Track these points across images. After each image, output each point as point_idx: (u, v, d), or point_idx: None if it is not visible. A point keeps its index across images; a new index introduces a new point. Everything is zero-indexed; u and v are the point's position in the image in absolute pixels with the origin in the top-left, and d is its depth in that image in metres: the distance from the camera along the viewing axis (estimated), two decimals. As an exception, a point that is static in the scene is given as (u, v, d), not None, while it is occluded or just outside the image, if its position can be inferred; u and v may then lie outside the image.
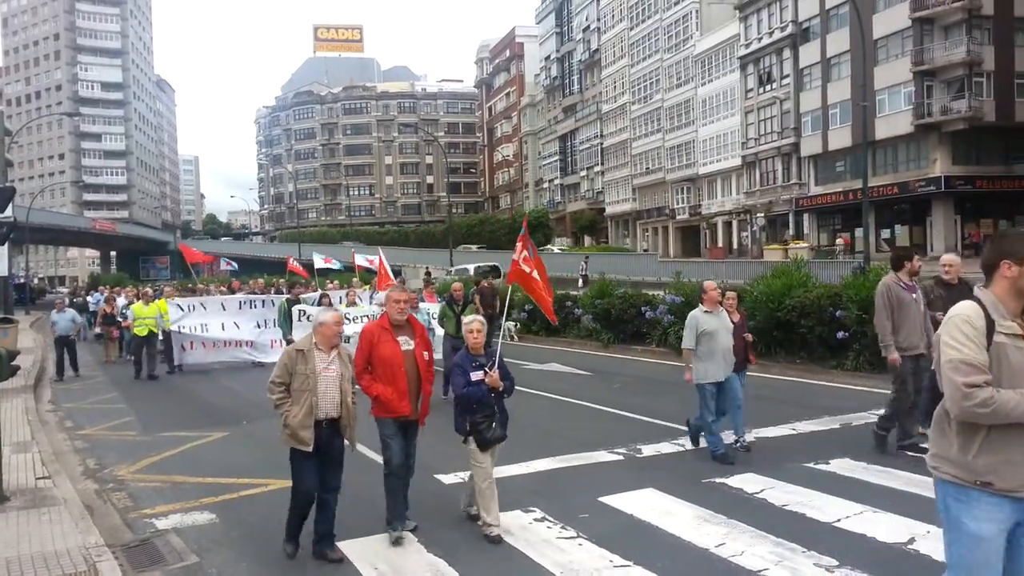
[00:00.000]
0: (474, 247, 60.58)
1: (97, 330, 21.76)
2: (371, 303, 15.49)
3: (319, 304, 14.36)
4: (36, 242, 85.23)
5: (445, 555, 5.28)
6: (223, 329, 16.68)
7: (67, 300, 21.85)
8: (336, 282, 23.42)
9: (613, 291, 17.85)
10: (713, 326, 7.51)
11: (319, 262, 23.78)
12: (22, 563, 5.32)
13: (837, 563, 4.82)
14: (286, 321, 14.16)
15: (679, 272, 18.39)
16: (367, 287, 18.64)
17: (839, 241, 42.49)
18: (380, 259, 15.76)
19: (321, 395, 5.23)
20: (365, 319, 13.24)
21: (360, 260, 23.80)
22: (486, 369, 5.62)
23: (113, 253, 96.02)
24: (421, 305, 13.50)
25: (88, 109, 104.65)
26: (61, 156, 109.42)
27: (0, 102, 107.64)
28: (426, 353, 5.83)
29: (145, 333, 15.74)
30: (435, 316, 12.34)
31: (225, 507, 6.69)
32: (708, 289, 7.82)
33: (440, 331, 11.79)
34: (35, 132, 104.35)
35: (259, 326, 16.91)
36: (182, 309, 16.46)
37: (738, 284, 15.34)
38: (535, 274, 6.81)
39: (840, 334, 11.55)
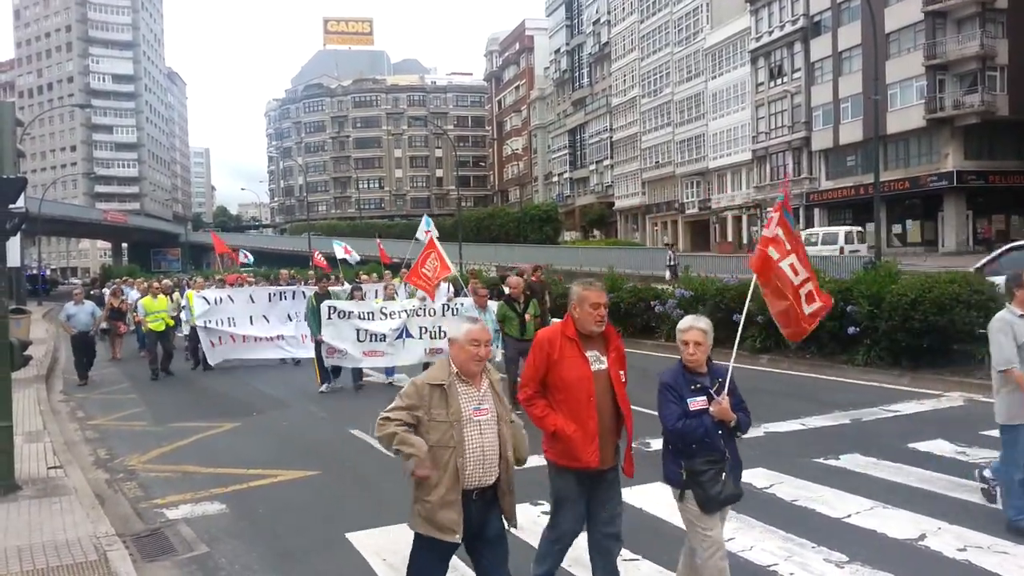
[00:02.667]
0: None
1: (104, 325, 19.80)
2: (406, 297, 14.03)
3: (350, 297, 12.87)
4: (48, 233, 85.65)
5: (453, 547, 5.27)
6: (252, 323, 15.44)
7: (85, 291, 19.05)
8: (374, 274, 21.27)
9: (622, 285, 17.80)
10: None
11: (340, 252, 23.00)
12: (33, 551, 5.36)
13: (847, 559, 4.81)
14: (314, 318, 12.35)
15: (688, 266, 18.32)
16: (399, 279, 16.97)
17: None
18: (432, 241, 12.86)
19: (472, 453, 3.49)
20: (403, 314, 12.24)
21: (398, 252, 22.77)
22: (711, 393, 3.98)
23: (125, 245, 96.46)
24: (466, 302, 12.06)
25: (99, 101, 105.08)
26: (73, 148, 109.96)
27: (12, 94, 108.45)
28: (622, 373, 4.18)
29: (162, 328, 14.71)
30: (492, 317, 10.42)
31: (235, 497, 6.72)
32: None
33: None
34: (47, 124, 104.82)
35: (290, 318, 15.64)
36: (208, 303, 15.12)
37: (747, 279, 15.31)
38: (787, 263, 4.54)
39: (851, 329, 11.49)
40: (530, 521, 5.74)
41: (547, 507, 6.00)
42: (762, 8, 49.87)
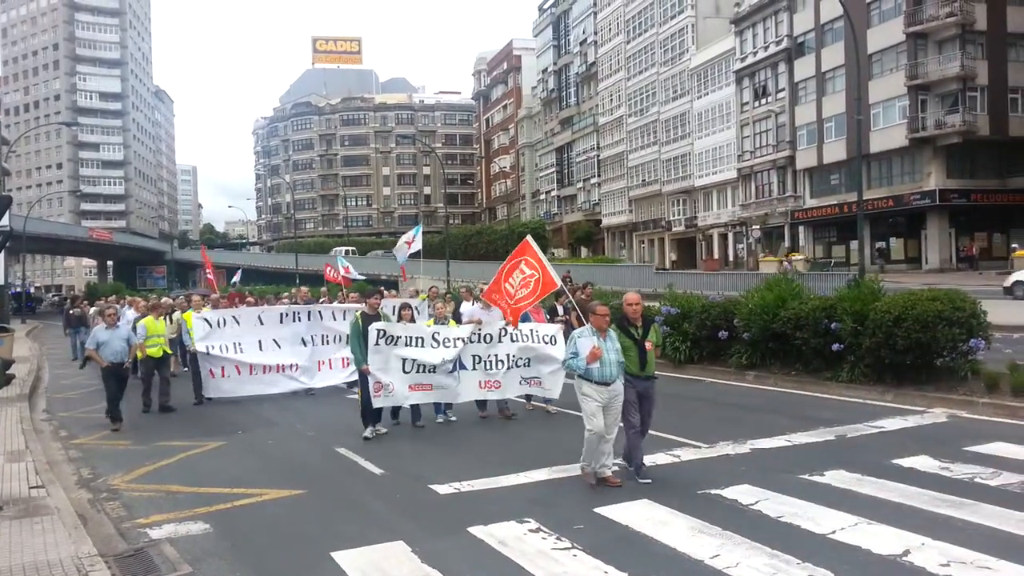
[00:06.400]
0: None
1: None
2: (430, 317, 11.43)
3: (399, 318, 10.60)
4: (33, 251, 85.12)
5: (439, 565, 5.26)
6: (261, 349, 13.44)
7: (119, 309, 14.55)
8: (393, 291, 19.57)
9: (608, 302, 17.83)
10: None
11: (341, 272, 22.18)
12: (14, 573, 5.30)
13: (831, 575, 4.82)
14: (360, 343, 9.82)
15: (671, 284, 18.47)
16: (423, 296, 15.73)
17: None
18: (527, 243, 9.37)
19: None
20: (459, 342, 10.18)
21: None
22: None
23: (110, 263, 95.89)
24: (553, 330, 10.61)
25: (86, 119, 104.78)
26: (59, 166, 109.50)
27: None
28: None
29: (160, 354, 12.86)
30: (581, 339, 7.19)
31: (219, 517, 6.66)
32: None
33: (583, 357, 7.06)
34: (33, 141, 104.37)
35: (305, 343, 13.72)
36: (210, 324, 13.17)
37: (733, 296, 15.39)
38: None
39: (835, 346, 11.57)
40: (515, 538, 5.74)
41: (534, 524, 6.02)
42: (746, 29, 50.57)
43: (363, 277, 24.16)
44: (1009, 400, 9.64)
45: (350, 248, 78.95)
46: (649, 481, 7.12)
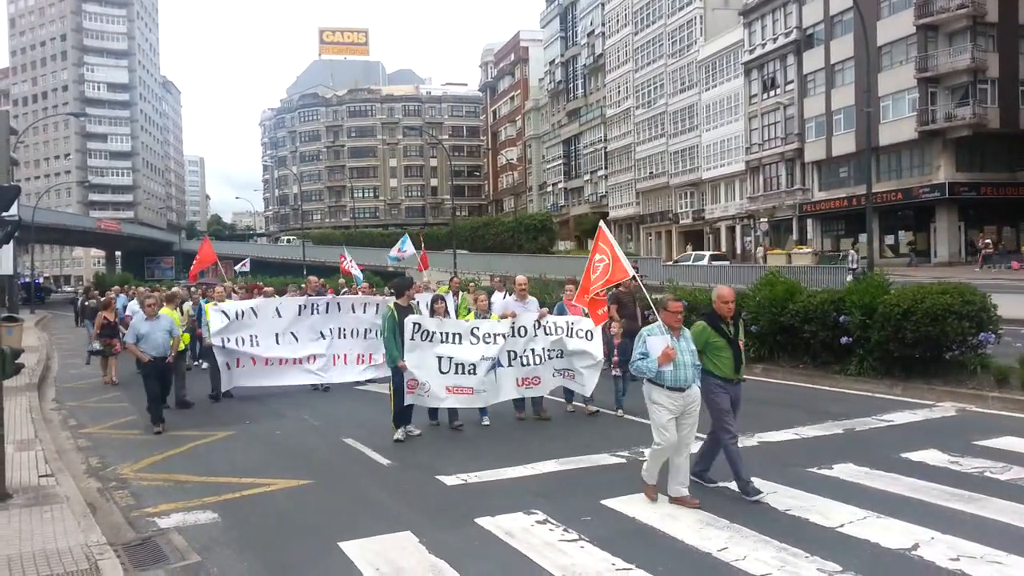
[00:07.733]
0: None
1: (95, 344, 15.87)
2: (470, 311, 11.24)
3: (431, 311, 9.83)
4: (42, 242, 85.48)
5: (447, 556, 5.27)
6: (278, 343, 12.90)
7: (160, 299, 12.10)
8: (426, 280, 18.68)
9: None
10: None
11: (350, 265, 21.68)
12: (23, 561, 5.33)
13: (840, 568, 4.81)
14: (394, 337, 9.17)
15: (670, 279, 18.49)
16: (445, 288, 15.15)
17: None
18: (602, 231, 8.77)
19: None
20: (500, 339, 9.57)
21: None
22: None
23: (118, 253, 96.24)
24: (578, 321, 9.97)
25: (94, 110, 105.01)
26: (67, 156, 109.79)
27: (6, 102, 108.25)
28: None
29: (183, 347, 12.47)
30: (651, 337, 6.36)
31: (228, 506, 6.69)
32: None
33: (652, 352, 6.30)
34: (41, 132, 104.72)
35: (323, 336, 13.23)
36: (228, 317, 12.51)
37: (740, 289, 15.33)
38: None
39: (844, 339, 11.53)
40: (522, 530, 5.75)
41: (541, 516, 6.02)
42: (755, 21, 50.25)
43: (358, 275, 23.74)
44: (1019, 394, 9.59)
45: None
46: (762, 494, 6.26)
